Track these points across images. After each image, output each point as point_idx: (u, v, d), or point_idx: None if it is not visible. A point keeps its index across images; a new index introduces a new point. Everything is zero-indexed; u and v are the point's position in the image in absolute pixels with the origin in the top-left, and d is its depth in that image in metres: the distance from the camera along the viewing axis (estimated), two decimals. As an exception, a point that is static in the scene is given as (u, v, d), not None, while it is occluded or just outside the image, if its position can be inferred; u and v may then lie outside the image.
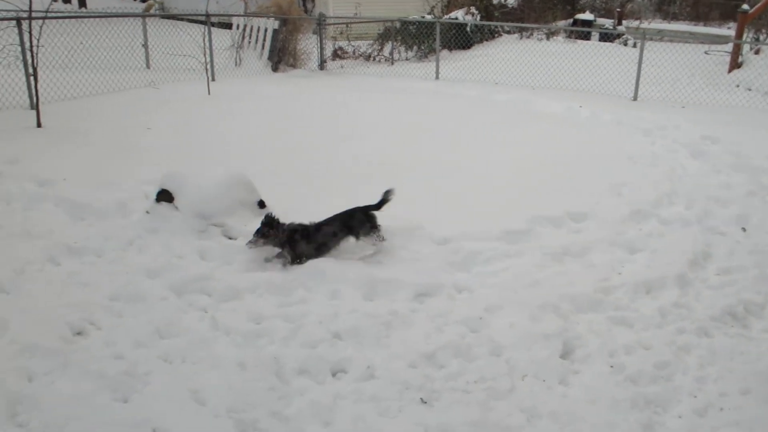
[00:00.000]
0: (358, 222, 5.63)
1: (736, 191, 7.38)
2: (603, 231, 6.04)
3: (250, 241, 5.47)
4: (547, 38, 20.16)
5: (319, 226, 5.62)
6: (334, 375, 4.05)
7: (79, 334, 4.43)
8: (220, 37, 16.53)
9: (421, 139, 9.55)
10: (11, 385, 3.81)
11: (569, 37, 20.26)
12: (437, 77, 15.72)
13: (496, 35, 20.24)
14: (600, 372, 4.07)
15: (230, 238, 5.89)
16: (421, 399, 3.78)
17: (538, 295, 4.86)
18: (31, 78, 10.34)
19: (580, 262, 5.51)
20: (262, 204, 6.40)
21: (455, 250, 5.62)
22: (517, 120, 11.14)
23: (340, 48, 19.13)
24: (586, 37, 20.18)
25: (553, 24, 21.42)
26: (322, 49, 17.59)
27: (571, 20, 22.00)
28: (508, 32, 20.25)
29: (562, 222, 6.23)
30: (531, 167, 8.03)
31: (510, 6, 21.00)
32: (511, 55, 16.23)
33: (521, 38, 20.20)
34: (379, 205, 5.72)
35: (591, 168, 8.07)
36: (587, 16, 21.99)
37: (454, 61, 17.04)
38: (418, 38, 18.87)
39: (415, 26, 18.64)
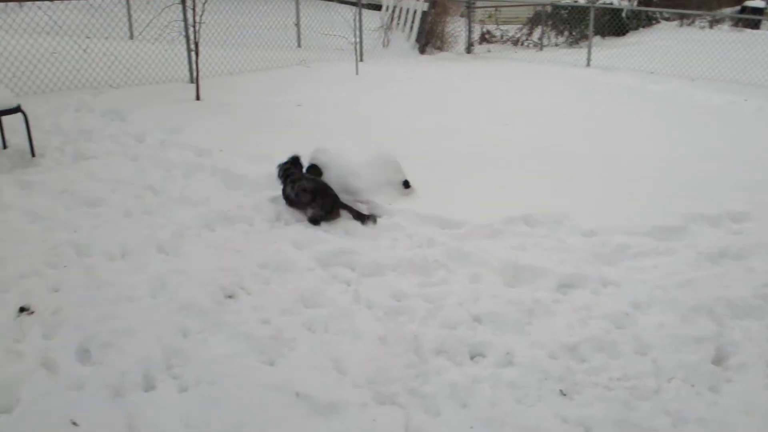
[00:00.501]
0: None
1: None
2: (766, 234, 5.68)
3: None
4: (710, 26, 19.12)
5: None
6: (472, 358, 4.06)
7: (230, 297, 4.65)
8: (370, 18, 16.78)
9: (567, 127, 9.34)
10: (169, 340, 4.06)
11: (735, 25, 19.12)
12: (588, 64, 15.29)
13: (654, 22, 19.43)
14: (757, 382, 3.84)
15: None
16: (561, 391, 3.72)
17: (690, 296, 4.64)
18: (192, 53, 10.90)
19: (738, 265, 5.19)
20: (407, 184, 6.47)
21: (602, 242, 5.47)
22: (671, 111, 10.69)
23: (488, 32, 18.97)
24: (756, 25, 18.95)
25: (718, 11, 20.27)
26: (470, 32, 17.52)
27: (738, 7, 20.68)
28: (667, 19, 19.39)
29: (720, 221, 5.91)
30: (686, 161, 7.68)
31: (672, -9, 20.10)
32: (669, 42, 15.56)
33: (681, 25, 19.29)
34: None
35: (753, 166, 7.61)
36: (758, 3, 20.53)
37: (606, 48, 16.51)
38: (570, 23, 18.41)
39: (567, 11, 18.19)
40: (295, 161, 6.43)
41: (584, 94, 12.01)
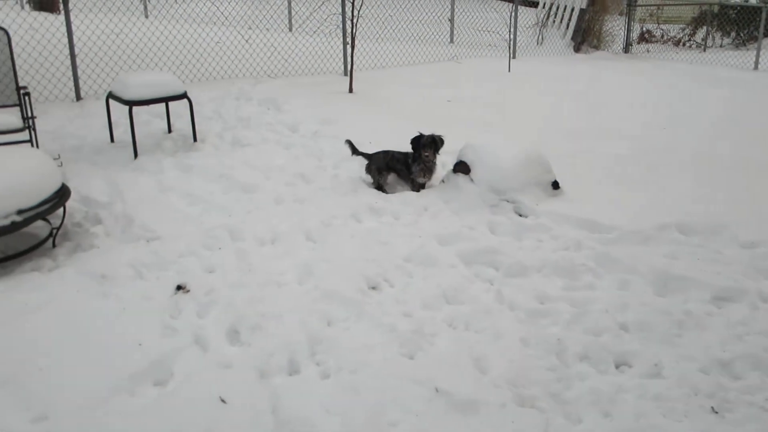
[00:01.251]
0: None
1: None
2: None
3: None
4: None
5: None
6: (617, 367, 3.91)
7: (373, 288, 4.72)
8: (525, 14, 16.54)
9: (727, 134, 8.84)
10: (313, 326, 4.17)
11: None
12: (756, 67, 14.40)
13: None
14: None
15: (521, 215, 5.90)
16: (712, 408, 3.52)
17: None
18: (348, 46, 11.14)
19: None
20: (556, 185, 6.33)
21: (764, 255, 5.12)
22: None
23: (648, 31, 18.27)
24: None
25: None
26: (628, 30, 16.91)
27: None
28: None
29: None
30: None
31: None
32: None
33: None
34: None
35: None
36: None
37: (777, 51, 15.47)
38: (738, 24, 17.38)
39: (736, 11, 17.19)
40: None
41: (749, 99, 11.32)
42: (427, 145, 6.36)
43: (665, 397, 3.61)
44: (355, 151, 6.83)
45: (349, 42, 10.83)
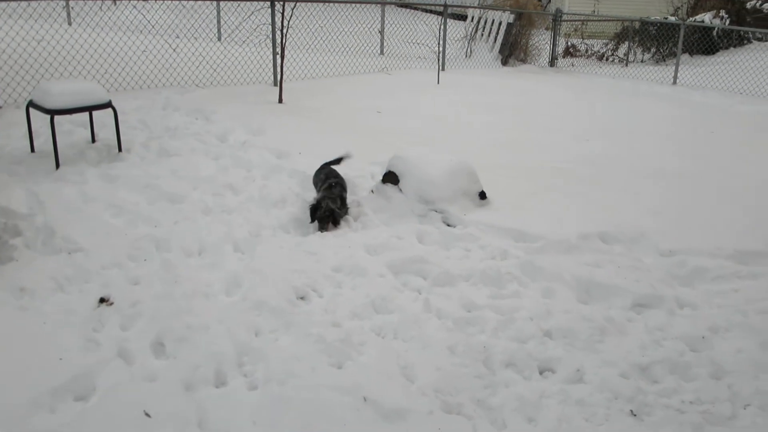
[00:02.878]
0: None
1: None
2: None
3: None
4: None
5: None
6: (541, 373, 4.00)
7: (302, 298, 4.71)
8: (454, 27, 16.78)
9: (650, 145, 9.15)
10: (241, 337, 4.13)
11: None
12: (674, 82, 14.96)
13: (746, 42, 18.80)
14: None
15: (449, 225, 5.98)
16: (631, 411, 3.64)
17: (772, 324, 4.48)
18: (278, 56, 11.10)
19: (825, 294, 4.99)
20: (483, 195, 6.43)
21: (681, 263, 5.32)
22: (761, 134, 10.32)
23: (573, 46, 18.78)
24: None
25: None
26: (554, 45, 17.33)
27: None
28: (760, 39, 18.73)
29: (807, 249, 5.67)
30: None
31: (766, 11, 19.38)
32: (760, 63, 15.02)
33: (774, 46, 18.65)
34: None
35: None
36: None
37: (694, 67, 16.09)
38: (658, 40, 18.01)
39: (656, 27, 17.81)
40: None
41: (669, 112, 11.74)
42: (323, 219, 5.90)
43: (587, 401, 3.71)
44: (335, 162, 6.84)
45: (279, 52, 10.79)
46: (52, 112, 6.83)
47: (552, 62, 17.33)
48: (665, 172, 7.84)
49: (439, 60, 13.78)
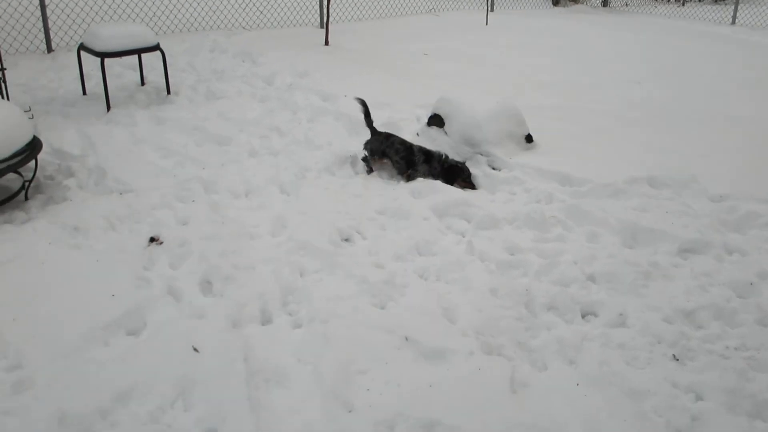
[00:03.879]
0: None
1: None
2: None
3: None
4: None
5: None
6: (583, 317, 4.00)
7: (346, 240, 4.76)
8: (504, -34, 16.36)
9: (703, 89, 8.89)
10: (286, 277, 4.22)
11: None
12: (733, 22, 14.40)
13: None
14: None
15: (494, 168, 5.94)
16: (674, 355, 3.62)
17: (822, 269, 4.39)
18: (324, -1, 11.00)
19: None
20: (529, 138, 6.36)
21: (731, 208, 5.20)
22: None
23: (627, -16, 18.16)
24: None
25: None
26: (607, -16, 16.81)
27: None
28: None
29: None
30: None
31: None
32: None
33: None
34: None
35: None
36: None
37: (755, 6, 15.48)
38: (717, -23, 17.35)
39: (715, -35, 17.13)
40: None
41: (726, 54, 11.35)
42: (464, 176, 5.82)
43: (629, 345, 3.70)
44: (367, 115, 6.04)
45: (326, -7, 10.71)
46: (103, 55, 6.92)
47: (605, 2, 16.86)
48: (719, 115, 7.63)
49: (488, 0, 13.52)
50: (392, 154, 5.85)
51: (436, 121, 6.47)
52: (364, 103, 5.96)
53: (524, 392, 3.36)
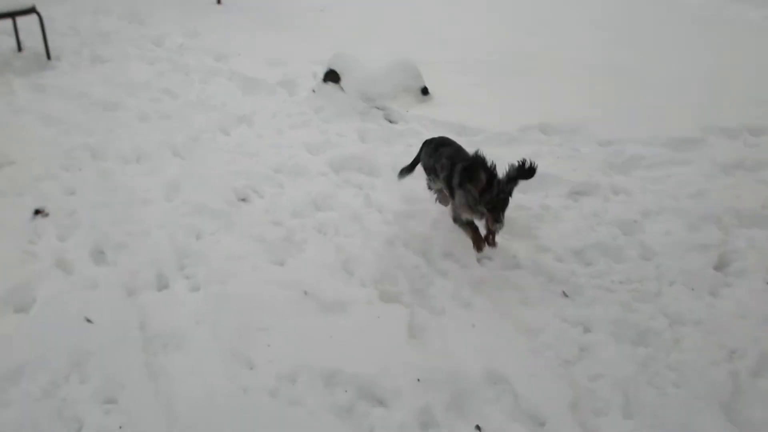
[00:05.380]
0: None
1: None
2: (783, 147, 5.55)
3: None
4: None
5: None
6: (479, 261, 4.08)
7: (243, 200, 4.70)
8: None
9: (589, 38, 9.07)
10: (182, 241, 4.14)
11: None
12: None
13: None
14: (755, 287, 3.85)
15: (391, 122, 5.95)
16: (564, 292, 3.76)
17: (700, 206, 4.60)
18: (214, -48, 10.66)
19: (751, 176, 5.11)
20: (425, 90, 6.39)
21: (617, 152, 5.38)
22: (699, 26, 10.24)
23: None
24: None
25: None
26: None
27: None
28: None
29: (738, 134, 5.77)
30: (709, 75, 7.42)
31: None
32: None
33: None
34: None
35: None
36: None
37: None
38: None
39: None
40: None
41: (622, 6, 11.58)
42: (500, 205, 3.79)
43: (522, 285, 3.83)
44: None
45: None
46: (-28, 20, 6.53)
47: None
48: (606, 65, 7.82)
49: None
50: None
51: (331, 76, 6.42)
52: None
53: (423, 336, 3.43)
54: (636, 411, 3.02)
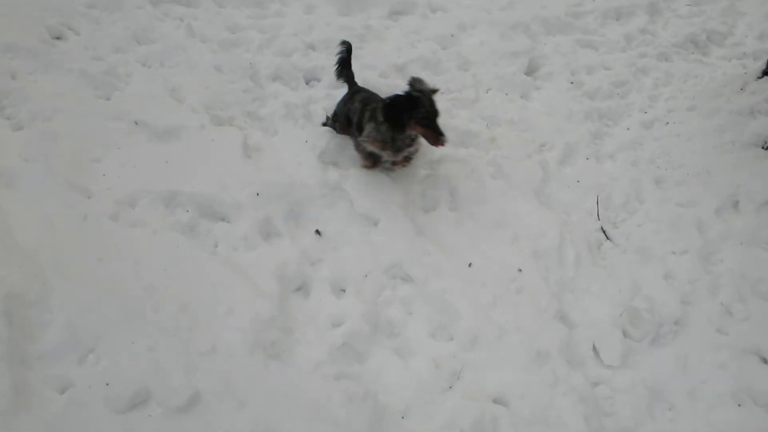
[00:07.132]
0: None
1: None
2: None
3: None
4: None
5: None
6: (307, 83, 4.23)
7: (58, 38, 4.50)
8: None
9: None
10: (-4, 82, 3.96)
11: None
12: None
13: None
14: (560, 88, 4.27)
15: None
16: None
17: (511, 16, 4.93)
18: None
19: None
20: None
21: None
22: None
23: None
24: None
25: None
26: None
27: None
28: None
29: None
30: None
31: None
32: None
33: None
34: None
35: None
36: None
37: None
38: None
39: None
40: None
41: None
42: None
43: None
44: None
45: None
46: None
47: None
48: None
49: None
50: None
51: None
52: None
53: (258, 155, 3.59)
54: (459, 204, 3.41)
